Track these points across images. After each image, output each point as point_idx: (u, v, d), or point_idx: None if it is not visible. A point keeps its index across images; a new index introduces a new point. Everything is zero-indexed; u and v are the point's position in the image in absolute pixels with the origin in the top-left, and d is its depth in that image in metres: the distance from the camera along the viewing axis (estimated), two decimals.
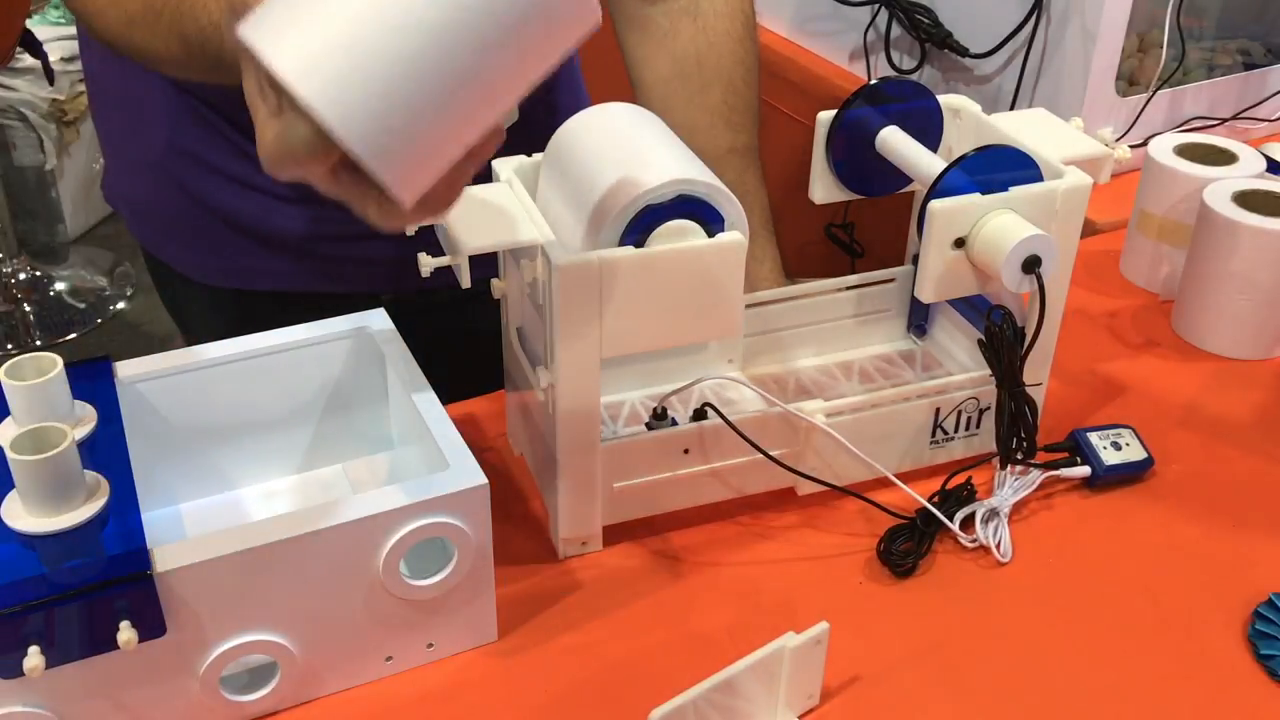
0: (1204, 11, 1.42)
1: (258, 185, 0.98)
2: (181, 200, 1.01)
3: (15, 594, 0.58)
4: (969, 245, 0.78)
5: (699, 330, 0.74)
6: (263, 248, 1.01)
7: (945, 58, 1.40)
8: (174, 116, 0.97)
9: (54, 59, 2.55)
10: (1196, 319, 1.03)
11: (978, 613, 0.77)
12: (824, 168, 0.89)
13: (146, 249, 1.09)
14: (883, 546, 0.80)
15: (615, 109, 0.79)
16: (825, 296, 0.94)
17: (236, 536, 0.63)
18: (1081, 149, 0.84)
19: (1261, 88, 1.36)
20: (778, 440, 0.81)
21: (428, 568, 0.69)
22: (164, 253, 1.07)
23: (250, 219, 0.99)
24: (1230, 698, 0.72)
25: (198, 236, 1.03)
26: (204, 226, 1.02)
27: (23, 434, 0.62)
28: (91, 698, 0.63)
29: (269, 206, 0.99)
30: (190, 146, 0.98)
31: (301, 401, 0.81)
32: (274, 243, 1.00)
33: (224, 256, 1.03)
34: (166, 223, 1.04)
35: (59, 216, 2.94)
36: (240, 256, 1.02)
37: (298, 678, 0.68)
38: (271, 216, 0.99)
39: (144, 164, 1.02)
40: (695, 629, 0.75)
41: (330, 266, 1.02)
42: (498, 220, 0.73)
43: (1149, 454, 0.88)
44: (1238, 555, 0.82)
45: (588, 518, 0.79)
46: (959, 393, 0.86)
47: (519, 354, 0.82)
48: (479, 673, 0.72)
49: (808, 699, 0.70)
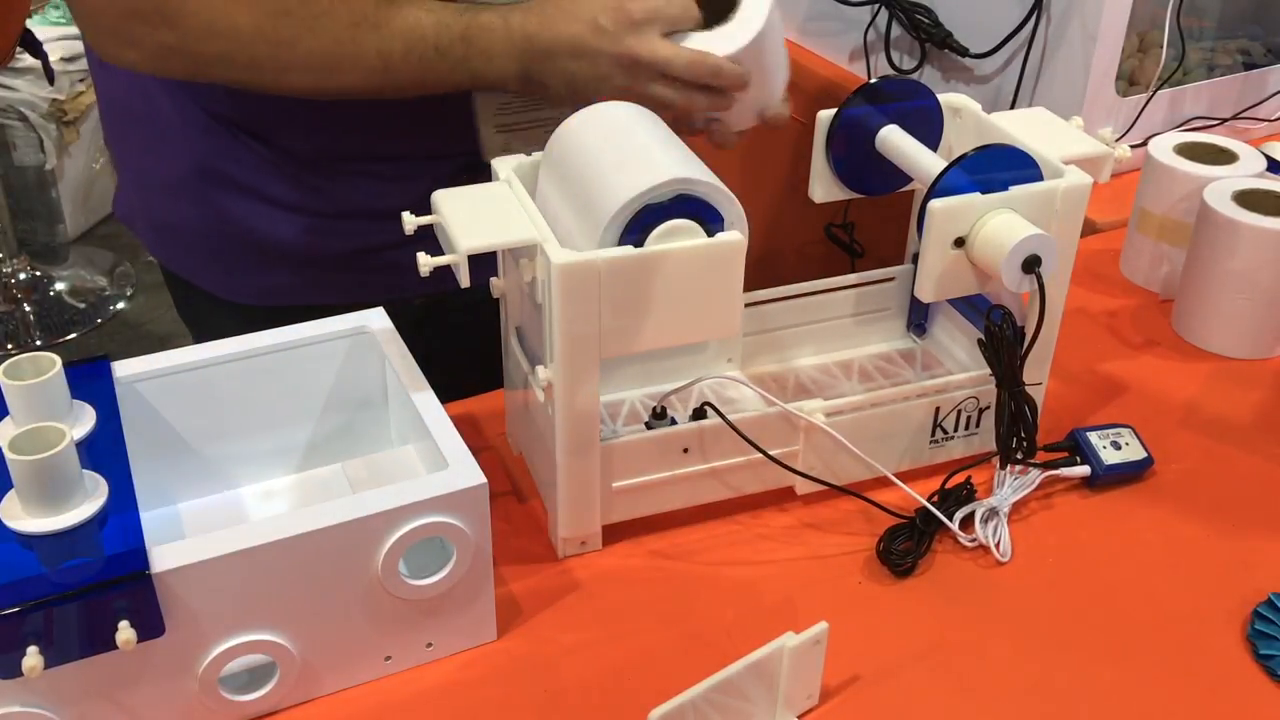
0: (1204, 11, 1.42)
1: (286, 201, 0.98)
2: (207, 218, 1.00)
3: (14, 594, 0.58)
4: (969, 245, 0.78)
5: (698, 330, 0.74)
6: (290, 263, 1.00)
7: (945, 58, 1.40)
8: (199, 135, 0.97)
9: (54, 59, 2.55)
10: (1196, 319, 1.03)
11: (977, 612, 0.77)
12: (824, 167, 0.89)
13: (167, 267, 1.08)
14: (882, 546, 0.80)
15: (615, 108, 0.78)
16: (825, 296, 0.94)
17: (235, 536, 0.63)
18: (1081, 148, 0.84)
19: (1261, 88, 1.35)
20: (777, 440, 0.81)
21: (427, 567, 0.69)
22: (187, 270, 1.06)
23: (278, 235, 0.99)
24: (1230, 698, 0.72)
25: (223, 254, 1.02)
26: (230, 243, 1.01)
27: (21, 434, 0.62)
28: (91, 697, 0.63)
29: (296, 222, 0.98)
30: (216, 164, 0.98)
31: (301, 401, 0.81)
32: (301, 258, 0.99)
33: (250, 272, 1.02)
34: (190, 241, 1.03)
35: (59, 216, 2.94)
36: (267, 272, 1.02)
37: (296, 677, 0.68)
38: (299, 232, 0.98)
39: (166, 183, 1.01)
40: (695, 629, 0.75)
41: (358, 278, 1.01)
42: (497, 219, 0.73)
43: (1149, 454, 0.88)
44: (1237, 555, 0.82)
45: (587, 517, 0.79)
46: (959, 392, 0.86)
47: (518, 353, 0.82)
48: (478, 672, 0.72)
49: (807, 699, 0.70)
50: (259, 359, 0.78)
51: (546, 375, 0.74)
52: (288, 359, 0.79)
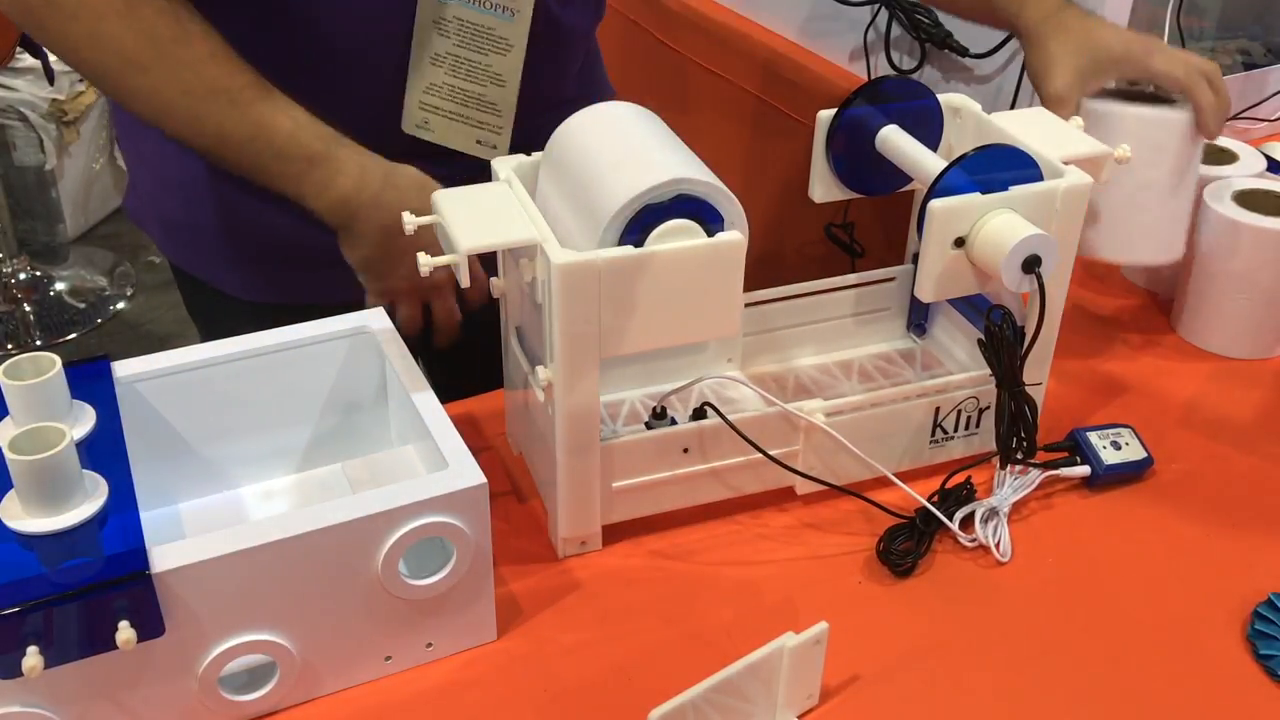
0: (1204, 11, 1.42)
1: None
2: (221, 216, 1.00)
3: (14, 594, 0.58)
4: (969, 244, 0.78)
5: (698, 329, 0.74)
6: (304, 260, 0.99)
7: (945, 58, 1.40)
8: None
9: (54, 59, 2.55)
10: (1196, 319, 1.03)
11: (977, 612, 0.77)
12: (824, 167, 0.89)
13: (179, 266, 1.08)
14: (882, 546, 0.80)
15: (615, 108, 0.78)
16: (825, 296, 0.94)
17: (235, 536, 0.63)
18: (1081, 148, 0.84)
19: (1261, 88, 1.35)
20: (777, 440, 0.81)
21: (427, 567, 0.69)
22: (200, 269, 1.06)
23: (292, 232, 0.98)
24: (1230, 698, 0.72)
25: (237, 252, 1.02)
26: (242, 241, 1.01)
27: (21, 434, 0.62)
28: (91, 697, 0.63)
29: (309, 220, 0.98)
30: None
31: (301, 401, 0.81)
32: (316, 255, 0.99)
33: (264, 270, 1.02)
34: (202, 238, 1.03)
35: (59, 216, 2.94)
36: (281, 269, 1.02)
37: (296, 677, 0.68)
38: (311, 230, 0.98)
39: (179, 182, 1.01)
40: (695, 629, 0.75)
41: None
42: (497, 219, 0.73)
43: (1149, 453, 0.88)
44: (1237, 555, 0.82)
45: (587, 517, 0.79)
46: (959, 392, 0.86)
47: (518, 353, 0.82)
48: (478, 672, 0.72)
49: (807, 699, 0.70)
50: (259, 359, 0.78)
51: (546, 375, 0.73)
52: (288, 359, 0.79)
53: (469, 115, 0.97)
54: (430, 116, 0.96)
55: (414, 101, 0.96)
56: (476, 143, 0.98)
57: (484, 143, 0.99)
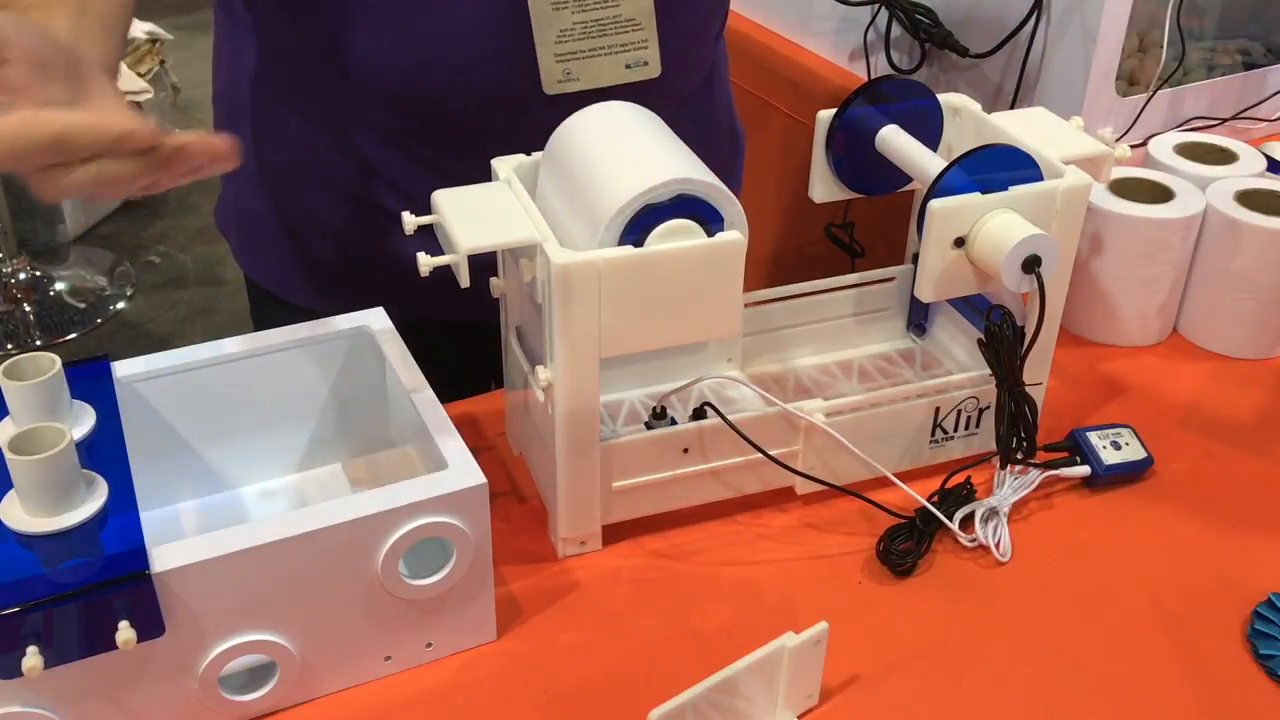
0: (1204, 11, 1.42)
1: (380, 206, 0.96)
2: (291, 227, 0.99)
3: (14, 594, 0.58)
4: (969, 245, 0.78)
5: (698, 329, 0.74)
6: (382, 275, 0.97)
7: (945, 58, 1.40)
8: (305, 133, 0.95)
9: None
10: (1197, 319, 1.03)
11: (977, 612, 0.77)
12: (824, 167, 0.89)
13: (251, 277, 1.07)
14: (882, 546, 0.80)
15: (615, 108, 0.78)
16: (825, 296, 0.94)
17: (235, 536, 0.63)
18: (1081, 148, 0.84)
19: (1261, 88, 1.35)
20: (777, 439, 0.81)
21: (427, 567, 0.69)
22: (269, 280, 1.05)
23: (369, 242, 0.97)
24: (1230, 698, 0.72)
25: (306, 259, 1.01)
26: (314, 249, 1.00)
27: (21, 434, 0.62)
28: (91, 698, 0.63)
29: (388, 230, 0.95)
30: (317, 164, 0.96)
31: (301, 401, 0.81)
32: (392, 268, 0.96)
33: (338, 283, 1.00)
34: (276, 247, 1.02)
35: (59, 216, 2.94)
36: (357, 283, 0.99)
37: (296, 677, 0.68)
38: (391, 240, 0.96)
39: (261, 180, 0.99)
40: (694, 629, 0.75)
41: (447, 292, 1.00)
42: (497, 219, 0.73)
43: (1149, 453, 0.88)
44: (1237, 555, 0.82)
45: (587, 517, 0.79)
46: (959, 392, 0.86)
47: (518, 353, 0.82)
48: (478, 673, 0.72)
49: (807, 699, 0.70)
50: (259, 359, 0.78)
51: (546, 375, 0.74)
52: (288, 359, 0.79)
53: (610, 43, 0.91)
54: (570, 65, 0.91)
55: (549, 57, 0.90)
56: (626, 68, 0.93)
57: (633, 65, 0.93)
